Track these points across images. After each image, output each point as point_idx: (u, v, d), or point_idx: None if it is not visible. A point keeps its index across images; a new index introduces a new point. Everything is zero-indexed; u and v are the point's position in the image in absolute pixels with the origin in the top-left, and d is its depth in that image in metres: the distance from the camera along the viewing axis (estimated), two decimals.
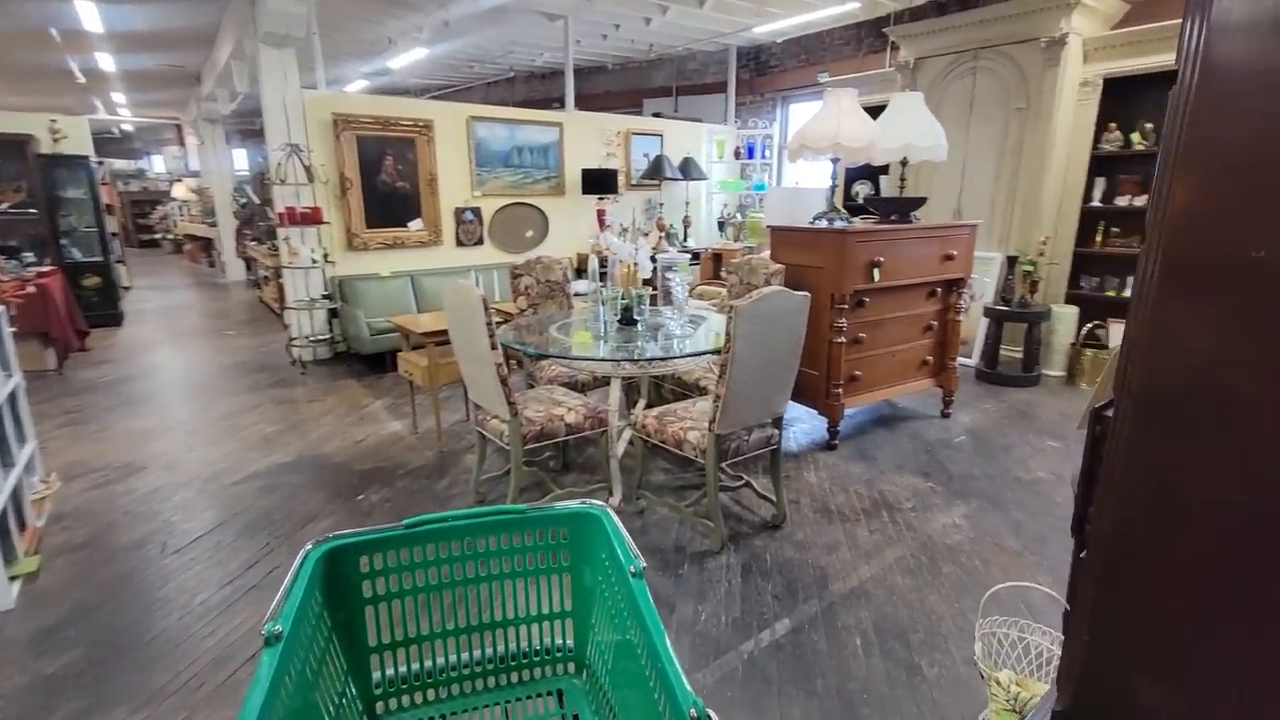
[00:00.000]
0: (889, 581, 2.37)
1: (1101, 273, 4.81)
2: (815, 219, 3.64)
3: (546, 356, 2.88)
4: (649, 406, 3.44)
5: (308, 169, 4.78)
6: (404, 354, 3.80)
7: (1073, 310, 4.65)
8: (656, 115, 7.71)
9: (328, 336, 5.28)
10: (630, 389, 3.60)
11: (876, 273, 3.40)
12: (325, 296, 5.12)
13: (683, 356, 2.63)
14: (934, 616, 2.18)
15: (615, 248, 2.97)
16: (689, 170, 6.89)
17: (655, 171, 6.60)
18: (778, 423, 2.70)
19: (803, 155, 3.60)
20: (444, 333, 3.08)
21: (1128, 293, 4.58)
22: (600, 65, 8.76)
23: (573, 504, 1.29)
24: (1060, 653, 1.73)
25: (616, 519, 1.24)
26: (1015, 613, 2.09)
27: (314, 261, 4.90)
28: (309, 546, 1.14)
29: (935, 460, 3.38)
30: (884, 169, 5.80)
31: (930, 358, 3.89)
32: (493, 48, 7.60)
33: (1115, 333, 4.55)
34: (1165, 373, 0.66)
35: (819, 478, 3.21)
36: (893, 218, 3.71)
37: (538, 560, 1.30)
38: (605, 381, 3.28)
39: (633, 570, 1.09)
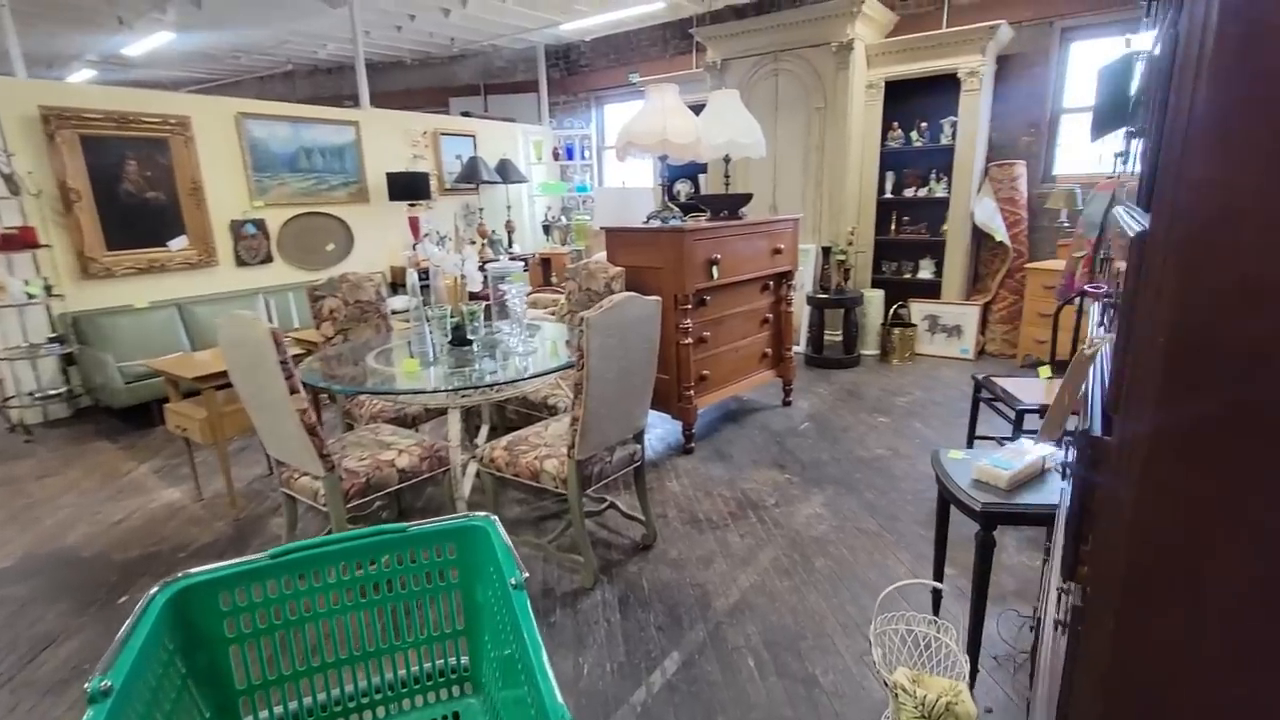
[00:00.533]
0: (768, 587, 2.30)
1: (899, 258, 5.32)
2: (649, 219, 3.53)
3: (366, 393, 2.42)
4: (493, 431, 3.09)
5: (7, 178, 3.69)
6: (173, 405, 3.04)
7: (879, 293, 5.09)
8: (466, 115, 7.22)
9: (63, 390, 4.15)
10: (470, 414, 3.21)
11: (715, 270, 3.37)
12: (54, 339, 4.01)
13: (532, 377, 2.34)
14: (817, 617, 2.13)
15: (437, 259, 2.58)
16: (507, 173, 6.53)
17: (471, 174, 6.15)
18: (639, 437, 2.52)
19: (630, 153, 3.47)
20: (227, 373, 2.47)
21: (922, 275, 5.11)
22: (397, 60, 8.03)
23: (457, 518, 1.26)
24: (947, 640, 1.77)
25: (502, 529, 1.21)
26: (890, 601, 2.12)
27: (30, 296, 3.80)
28: (154, 590, 1.04)
29: (786, 450, 3.44)
30: (703, 168, 5.93)
31: (769, 350, 3.98)
32: (261, 37, 6.59)
33: (916, 311, 5.05)
34: (1208, 385, 0.53)
35: (682, 485, 3.10)
36: (723, 214, 3.71)
37: (424, 579, 1.26)
38: (440, 411, 2.87)
39: (513, 582, 1.08)
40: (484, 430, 3.08)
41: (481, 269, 2.93)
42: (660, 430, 3.75)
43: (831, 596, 2.23)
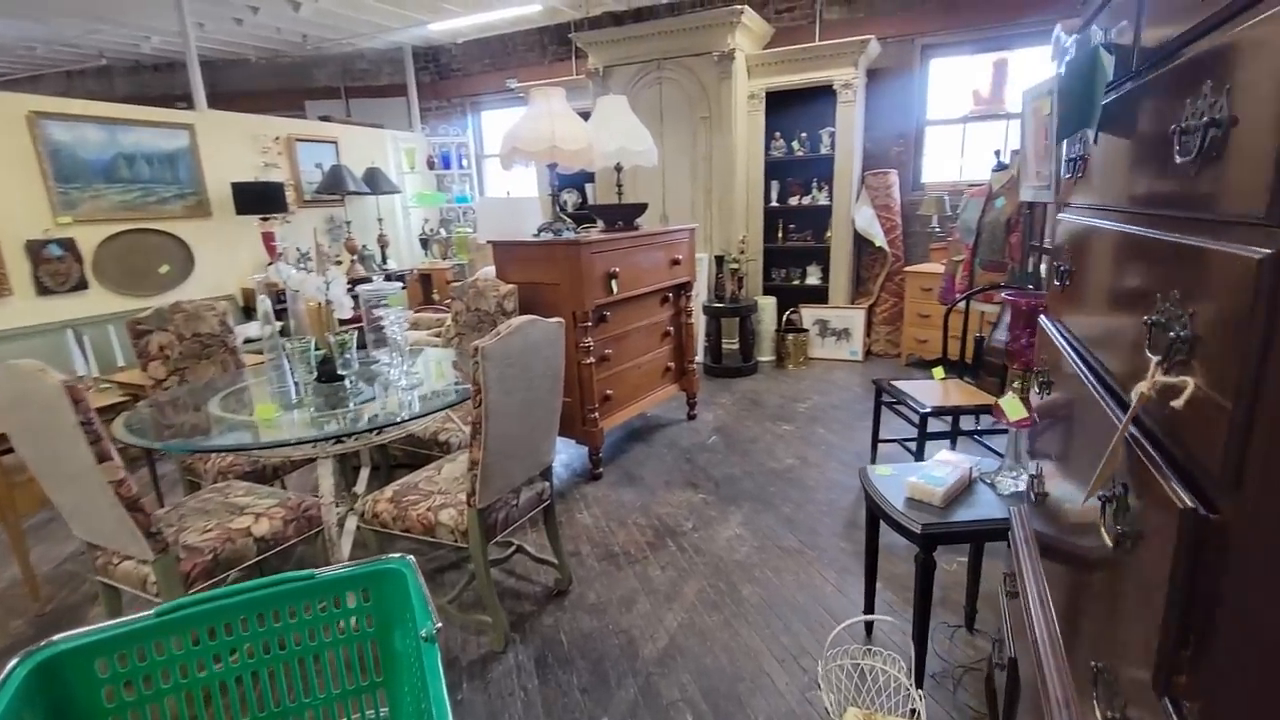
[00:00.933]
0: (698, 625, 2.13)
1: (788, 265, 5.43)
2: (540, 231, 3.29)
3: (209, 451, 2.00)
4: (375, 472, 2.71)
5: None
6: None
7: (771, 300, 5.15)
8: (325, 119, 6.58)
9: None
10: (346, 456, 2.80)
11: (614, 284, 3.19)
12: None
13: (420, 416, 2.02)
14: (753, 653, 1.99)
15: (295, 281, 2.20)
16: (376, 182, 6.00)
17: (335, 184, 5.57)
18: (547, 473, 2.27)
19: (516, 161, 3.21)
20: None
21: (810, 281, 5.24)
22: (241, 58, 7.19)
23: (369, 561, 1.19)
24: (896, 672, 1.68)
25: (418, 572, 1.16)
26: (820, 623, 2.03)
27: None
28: (13, 663, 0.92)
29: (698, 467, 3.31)
30: (590, 177, 5.75)
31: (672, 363, 3.86)
32: (62, 25, 5.61)
33: (807, 317, 5.15)
34: None
35: (593, 516, 2.87)
36: (618, 225, 3.55)
37: (335, 629, 1.17)
38: (308, 459, 2.46)
39: (424, 634, 1.01)
40: (364, 475, 2.69)
41: (352, 290, 2.55)
42: (565, 456, 3.50)
43: (763, 628, 2.10)
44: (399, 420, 1.98)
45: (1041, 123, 2.56)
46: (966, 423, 3.15)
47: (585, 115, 3.59)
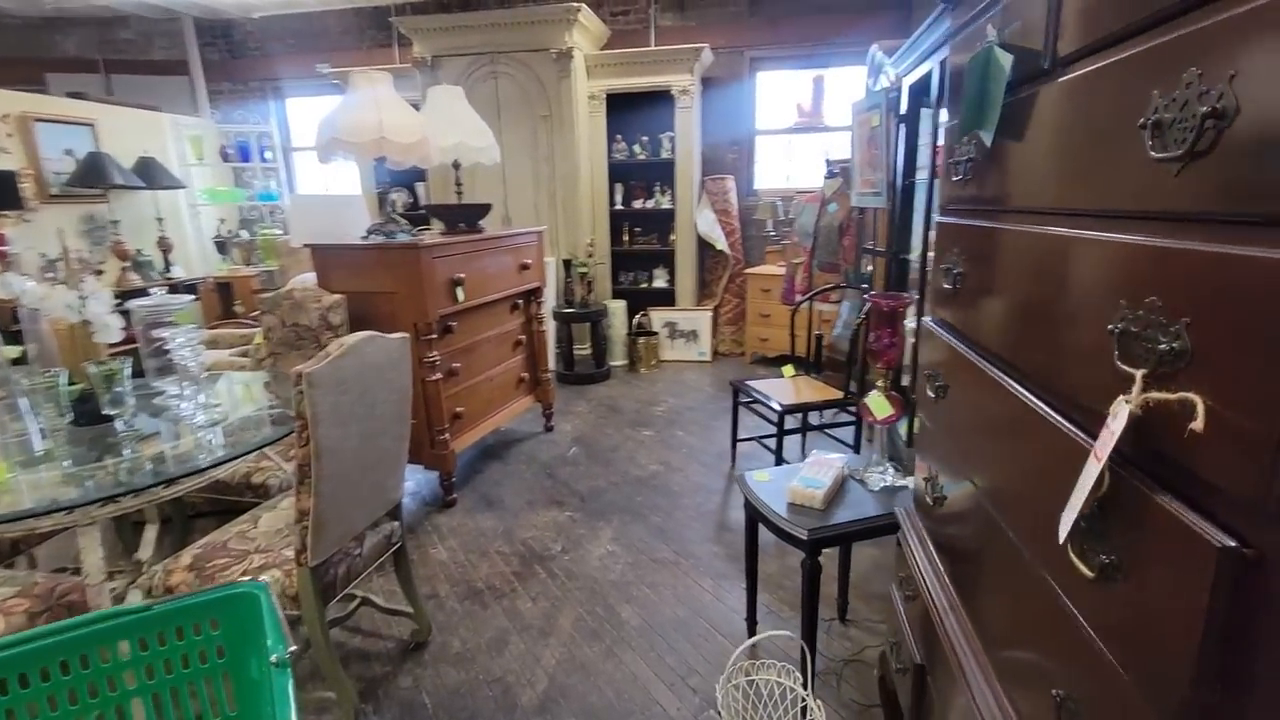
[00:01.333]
0: (579, 659, 1.97)
1: (635, 268, 5.43)
2: (370, 233, 2.91)
3: None
4: (167, 526, 2.20)
5: None
6: None
7: (621, 304, 5.11)
8: (77, 96, 5.40)
9: None
10: (122, 515, 2.23)
11: (460, 291, 2.91)
12: None
13: (229, 460, 1.63)
14: (640, 682, 1.87)
15: (31, 297, 1.68)
16: (153, 175, 5.04)
17: (93, 176, 4.57)
18: (396, 511, 1.97)
19: (336, 154, 2.81)
20: None
21: (658, 284, 5.27)
22: None
23: (218, 588, 1.10)
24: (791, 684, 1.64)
25: (271, 594, 1.09)
26: (706, 639, 1.97)
27: None
28: None
29: (560, 482, 3.14)
30: (421, 175, 5.32)
31: (525, 374, 3.64)
32: None
33: (656, 319, 5.18)
34: None
35: (450, 550, 2.59)
36: (460, 227, 3.26)
37: (179, 663, 1.07)
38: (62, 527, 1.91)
39: (274, 659, 0.96)
40: (150, 534, 2.16)
41: (122, 305, 2.04)
42: (412, 484, 3.14)
43: (648, 651, 1.99)
44: (199, 468, 1.58)
45: (868, 134, 2.75)
46: (815, 417, 3.31)
47: (415, 107, 3.25)
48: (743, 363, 5.14)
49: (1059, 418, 0.67)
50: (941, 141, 2.33)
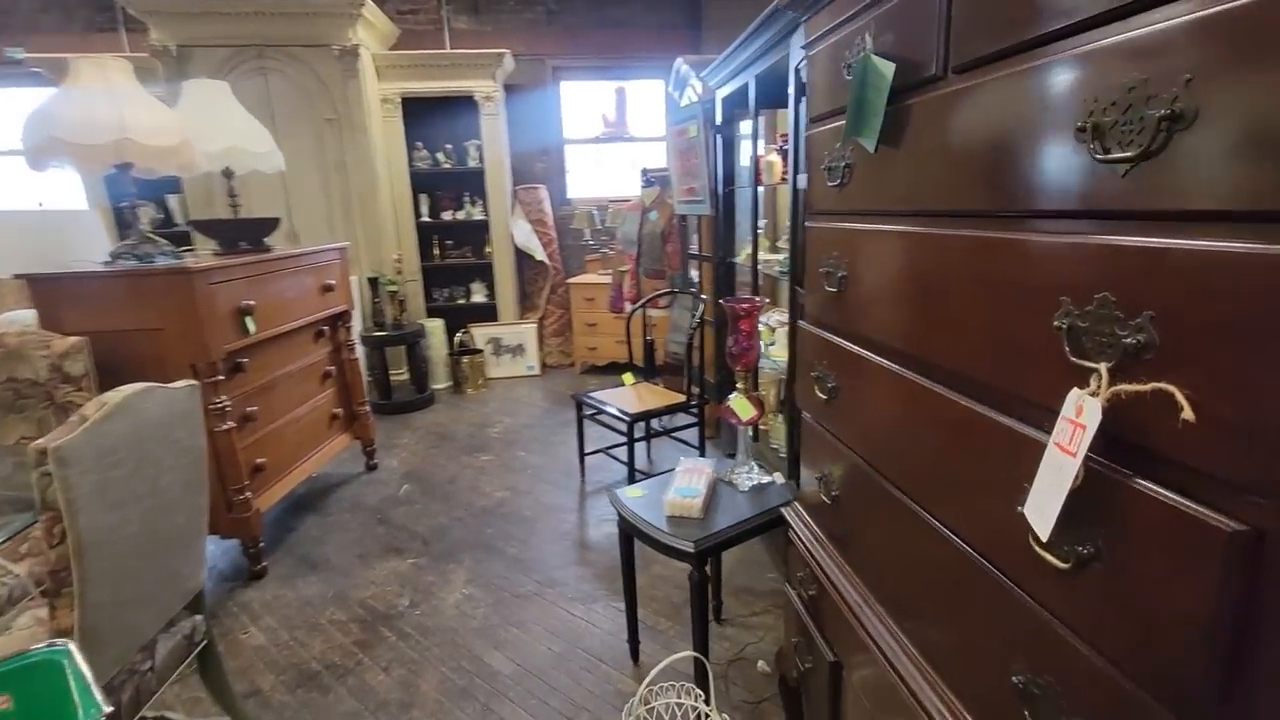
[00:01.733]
0: None
1: (450, 283, 5.09)
2: (117, 256, 2.34)
3: None
4: None
5: None
6: None
7: (439, 323, 4.76)
8: None
9: None
10: None
11: (251, 322, 2.46)
12: None
13: None
14: None
15: None
16: None
17: None
18: (197, 602, 1.58)
19: (53, 160, 2.22)
20: None
21: (476, 299, 5.01)
22: None
23: (9, 659, 0.96)
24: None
25: (79, 659, 0.95)
26: (589, 670, 1.86)
27: None
28: None
29: (395, 527, 2.81)
30: (173, 186, 4.46)
31: (339, 409, 3.21)
32: None
33: (479, 336, 4.91)
34: None
35: (269, 630, 2.16)
36: (242, 245, 2.77)
37: None
38: None
39: None
40: None
41: None
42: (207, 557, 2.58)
43: (527, 698, 1.83)
44: None
45: (686, 144, 2.85)
46: (658, 422, 3.35)
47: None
48: (573, 373, 5.09)
49: (991, 411, 0.69)
50: (762, 151, 2.49)
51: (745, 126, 3.00)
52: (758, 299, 1.62)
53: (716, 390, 3.06)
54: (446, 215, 4.93)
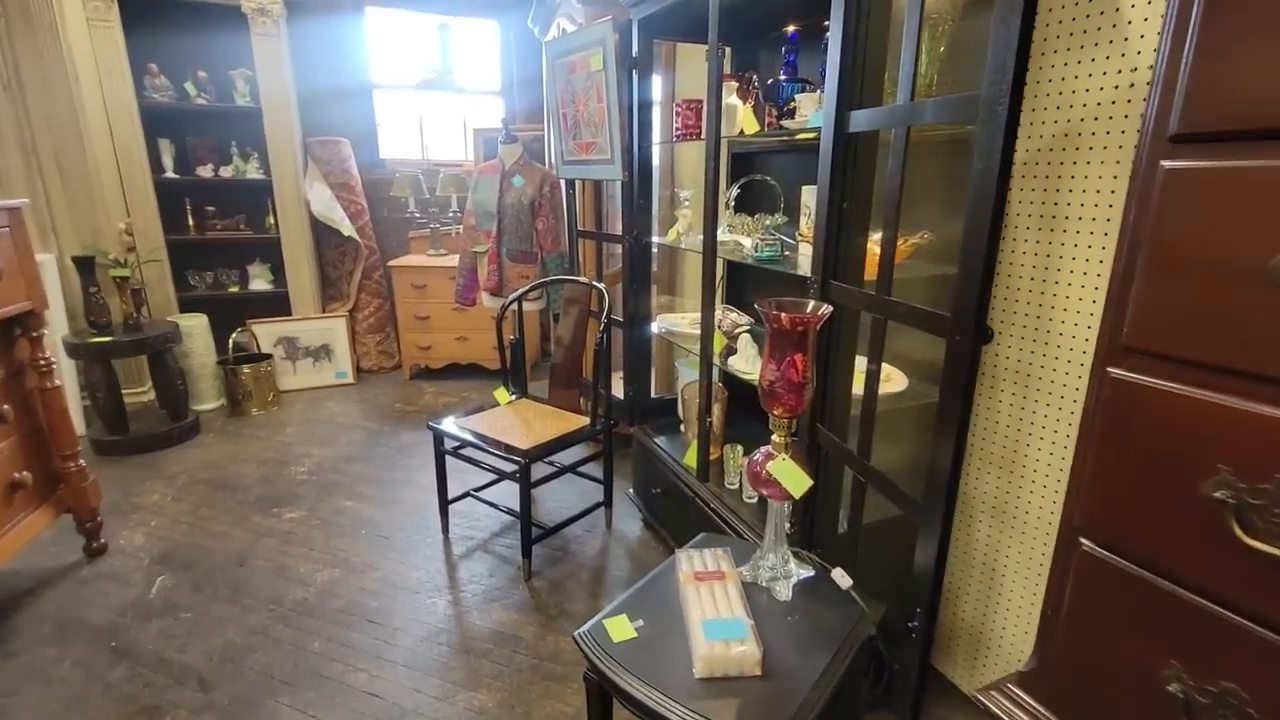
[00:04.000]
0: None
1: (215, 265, 3.75)
2: None
3: None
4: None
5: None
6: None
7: (201, 320, 3.44)
8: None
9: None
10: None
11: None
12: None
13: None
14: None
15: None
16: None
17: None
18: None
19: None
20: None
21: (257, 286, 3.77)
22: None
23: None
24: None
25: None
26: None
27: None
28: None
29: (146, 662, 1.75)
30: None
31: (25, 471, 1.98)
32: None
33: (265, 336, 3.67)
34: None
35: None
36: None
37: None
38: None
39: None
40: None
41: None
42: None
43: None
44: None
45: (584, 83, 2.12)
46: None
47: None
48: (399, 380, 4.06)
49: None
50: (690, 96, 1.84)
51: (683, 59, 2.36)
52: (822, 305, 1.02)
53: (628, 409, 2.42)
54: (205, 171, 3.57)
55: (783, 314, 1.01)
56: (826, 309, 1.02)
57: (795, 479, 1.05)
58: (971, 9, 1.26)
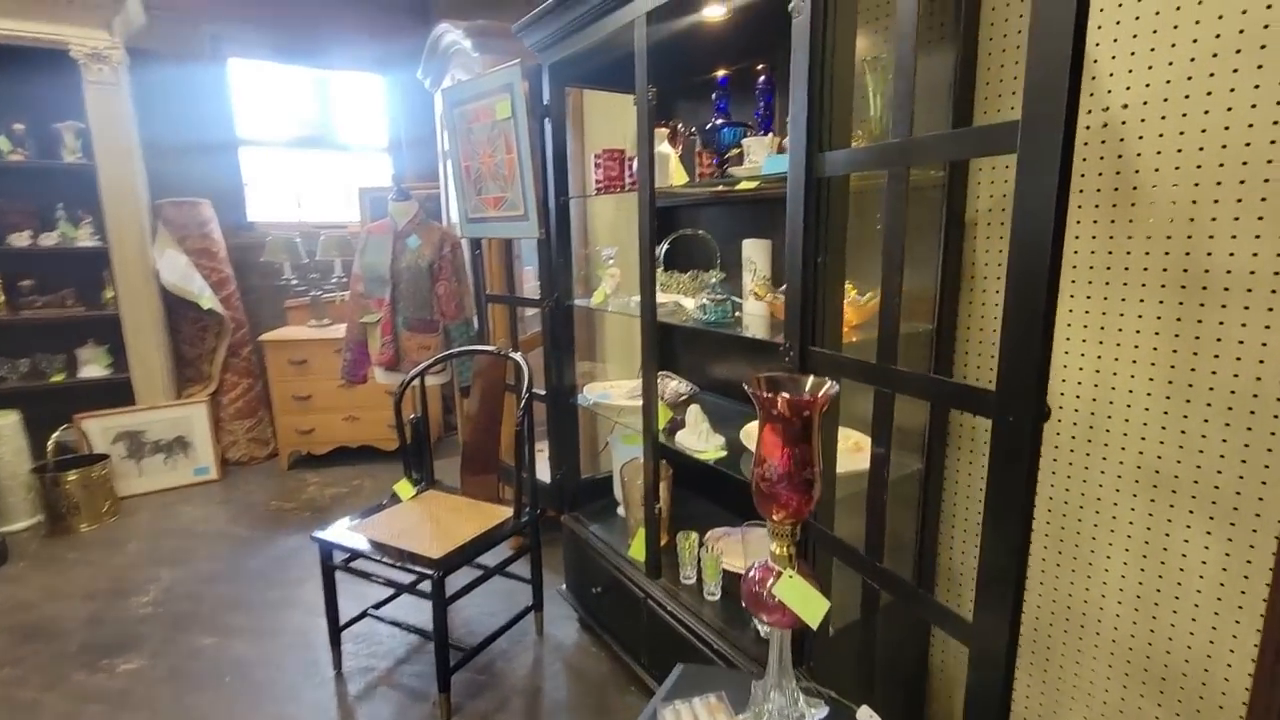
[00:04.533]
0: None
1: (32, 349, 3.10)
2: None
3: None
4: None
5: None
6: None
7: (12, 418, 2.79)
8: None
9: None
10: None
11: None
12: None
13: None
14: None
15: None
16: None
17: None
18: None
19: None
20: None
21: (89, 373, 3.16)
22: None
23: None
24: None
25: None
26: None
27: None
28: None
29: None
30: None
31: None
32: None
33: (98, 433, 3.03)
34: None
35: None
36: None
37: None
38: None
39: None
40: None
41: None
42: None
43: None
44: None
45: (488, 132, 1.90)
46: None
47: None
48: (276, 469, 3.50)
49: None
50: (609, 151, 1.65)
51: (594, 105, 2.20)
52: (827, 382, 0.83)
53: (557, 494, 2.12)
54: (19, 239, 2.98)
55: (781, 395, 0.81)
56: (832, 386, 0.83)
57: (808, 602, 0.83)
58: (925, 49, 1.17)
